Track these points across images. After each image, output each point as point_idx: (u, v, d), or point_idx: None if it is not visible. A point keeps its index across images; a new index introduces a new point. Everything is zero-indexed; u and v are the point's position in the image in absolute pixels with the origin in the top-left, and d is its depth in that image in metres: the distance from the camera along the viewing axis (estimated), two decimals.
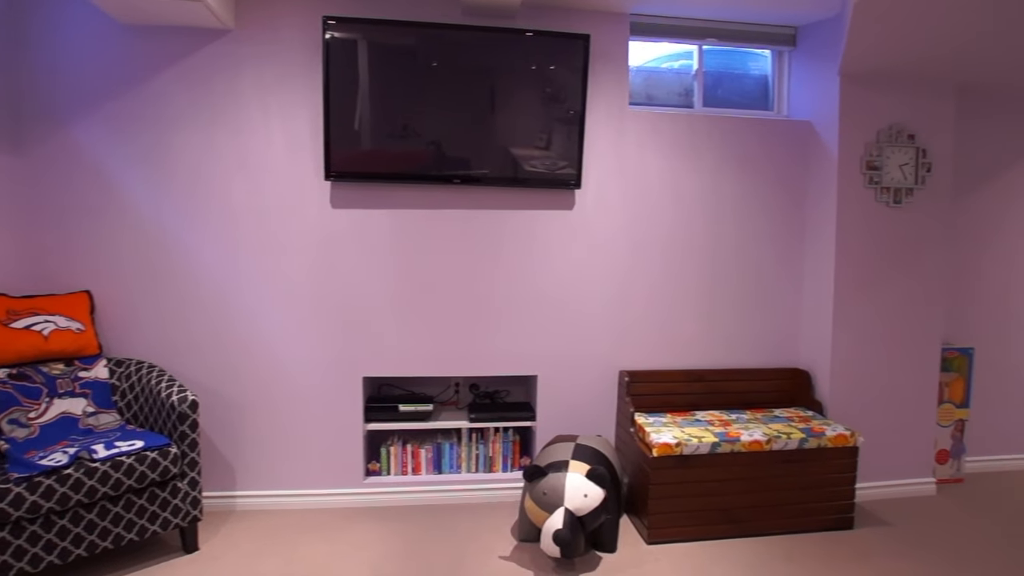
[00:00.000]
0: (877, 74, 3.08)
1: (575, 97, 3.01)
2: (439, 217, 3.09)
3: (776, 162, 3.36)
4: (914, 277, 3.25)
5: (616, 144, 3.20)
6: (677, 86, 3.48)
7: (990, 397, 3.74)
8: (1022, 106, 3.66)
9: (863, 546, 2.75)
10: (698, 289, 3.33)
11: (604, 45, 3.17)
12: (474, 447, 3.21)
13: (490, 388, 3.43)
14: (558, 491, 2.47)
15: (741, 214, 3.35)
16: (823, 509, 2.88)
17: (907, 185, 3.18)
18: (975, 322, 3.68)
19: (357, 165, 2.90)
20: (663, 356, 3.32)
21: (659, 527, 2.73)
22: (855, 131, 3.13)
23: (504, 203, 3.13)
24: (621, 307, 3.26)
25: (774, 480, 2.82)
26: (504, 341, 3.18)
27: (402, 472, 3.17)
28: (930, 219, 3.24)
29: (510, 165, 3.02)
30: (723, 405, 3.32)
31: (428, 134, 2.93)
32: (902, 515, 3.08)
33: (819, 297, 3.27)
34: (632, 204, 3.24)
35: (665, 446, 2.68)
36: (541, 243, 3.17)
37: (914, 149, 3.19)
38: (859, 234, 3.17)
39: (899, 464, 3.31)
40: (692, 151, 3.27)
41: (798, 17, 3.27)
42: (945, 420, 3.50)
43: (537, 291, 3.19)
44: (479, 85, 2.94)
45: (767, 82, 3.58)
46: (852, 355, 3.20)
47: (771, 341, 3.43)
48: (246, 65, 2.91)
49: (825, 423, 3.00)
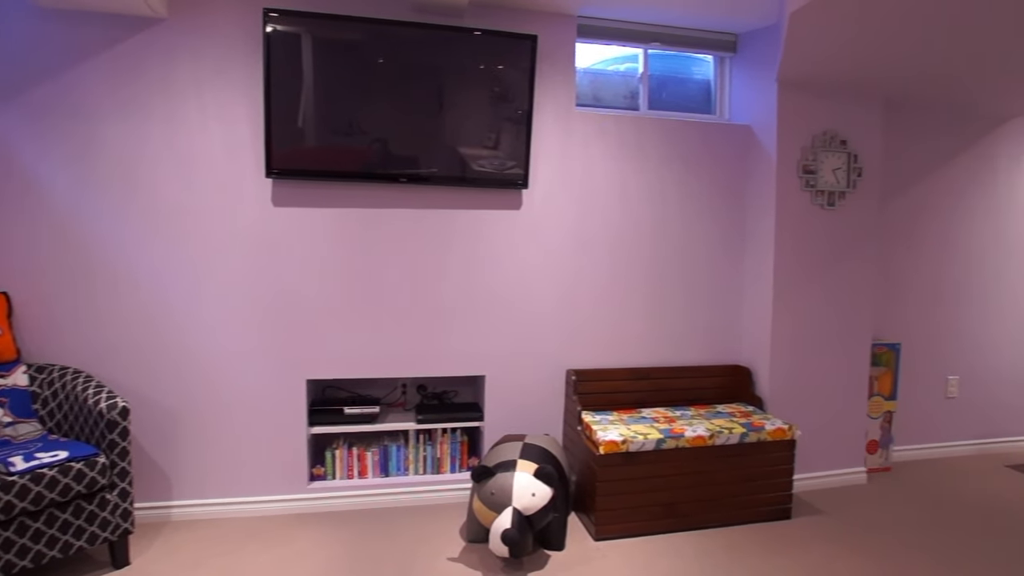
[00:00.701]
0: (812, 82, 3.20)
1: (523, 97, 3.01)
2: (386, 216, 3.04)
3: (718, 164, 3.45)
4: (846, 276, 3.39)
5: (563, 144, 3.22)
6: (623, 88, 3.53)
7: (915, 389, 3.94)
8: (941, 118, 3.87)
9: (800, 535, 2.85)
10: (644, 288, 3.39)
11: (551, 46, 3.18)
12: (422, 448, 3.17)
13: (438, 389, 3.40)
14: (506, 491, 2.46)
15: (685, 215, 3.42)
16: (763, 501, 2.97)
17: (840, 188, 3.32)
18: (901, 318, 3.87)
19: (300, 162, 2.82)
20: (610, 355, 3.36)
21: (606, 523, 2.76)
22: (792, 136, 3.24)
23: (452, 203, 3.11)
24: (568, 306, 3.29)
25: (717, 474, 2.89)
26: (452, 341, 3.15)
27: (348, 476, 3.10)
28: (861, 221, 3.39)
29: (458, 164, 3.00)
30: (668, 402, 3.39)
31: (375, 132, 2.88)
32: (836, 504, 3.21)
33: (759, 296, 3.37)
34: (579, 204, 3.27)
35: (612, 443, 2.71)
36: (489, 243, 3.16)
37: (846, 154, 3.32)
38: (796, 235, 3.28)
39: (833, 455, 3.45)
40: (638, 152, 3.33)
41: (738, 25, 3.36)
42: (875, 412, 3.67)
43: (485, 291, 3.17)
44: (427, 83, 2.90)
45: (709, 87, 3.67)
46: (790, 351, 3.32)
47: (714, 339, 3.52)
48: (181, 56, 2.78)
49: (765, 417, 3.09)
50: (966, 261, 4.00)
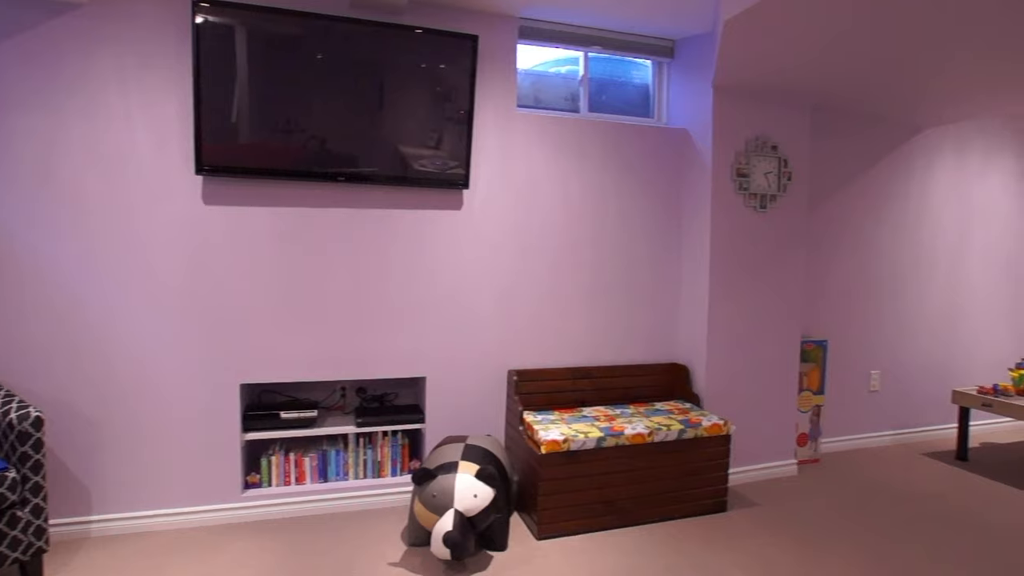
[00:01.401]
0: (745, 88, 3.31)
1: (464, 97, 3.00)
2: (324, 216, 2.96)
3: (657, 167, 3.52)
4: (777, 276, 3.52)
5: (504, 145, 3.23)
6: (564, 91, 3.56)
7: (841, 384, 4.13)
8: (865, 126, 4.07)
9: (736, 527, 2.93)
10: (584, 288, 3.43)
11: (493, 47, 3.18)
12: (362, 452, 3.11)
13: (378, 391, 3.35)
14: (448, 493, 2.44)
15: (625, 216, 3.48)
16: (700, 495, 3.05)
17: (771, 192, 3.44)
18: (828, 316, 4.05)
19: (234, 159, 2.72)
20: (551, 355, 3.38)
21: (548, 522, 2.78)
22: (726, 140, 3.34)
23: (392, 202, 3.06)
24: (510, 307, 3.29)
25: (656, 470, 2.95)
26: (392, 343, 3.10)
27: (285, 482, 3.01)
28: (790, 223, 3.53)
29: (399, 164, 2.96)
30: (609, 400, 3.43)
31: (313, 129, 2.80)
32: (769, 495, 3.32)
33: (696, 295, 3.46)
34: (520, 205, 3.28)
35: (553, 443, 2.73)
36: (429, 243, 3.13)
37: (777, 159, 3.45)
38: (730, 236, 3.38)
39: (766, 449, 3.58)
40: (578, 154, 3.36)
41: (675, 31, 3.44)
42: (804, 406, 3.82)
43: (425, 292, 3.14)
44: (368, 81, 2.85)
45: (648, 91, 3.74)
46: (725, 349, 3.42)
47: (653, 338, 3.59)
48: (102, 45, 2.64)
49: (701, 414, 3.17)
50: (886, 261, 4.22)
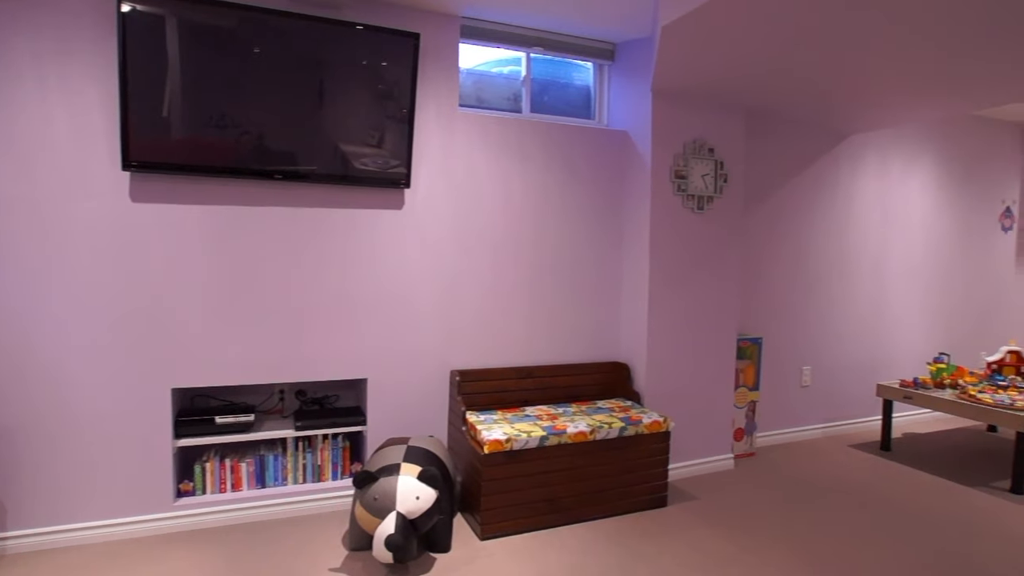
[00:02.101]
0: (683, 92, 3.39)
1: (405, 95, 2.97)
2: (261, 215, 2.88)
3: (598, 168, 3.57)
4: (714, 276, 3.62)
5: (446, 145, 3.21)
6: (506, 91, 3.57)
7: (775, 379, 4.28)
8: (796, 131, 4.23)
9: (676, 520, 3.00)
10: (527, 288, 3.44)
11: (435, 45, 3.16)
12: (301, 456, 3.04)
13: (318, 394, 3.28)
14: (389, 495, 2.41)
15: (567, 216, 3.52)
16: (641, 491, 3.11)
17: (708, 193, 3.54)
18: (763, 314, 4.20)
19: (164, 155, 2.62)
20: (494, 354, 3.39)
21: (492, 522, 2.78)
22: (665, 142, 3.42)
23: (332, 201, 3.01)
24: (452, 307, 3.28)
25: (598, 468, 2.99)
26: (332, 344, 3.05)
27: (220, 489, 2.92)
28: (727, 224, 3.64)
29: (339, 162, 2.91)
30: (551, 399, 3.46)
31: (249, 125, 2.72)
32: (707, 489, 3.42)
33: (636, 294, 3.53)
34: (462, 205, 3.27)
35: (496, 442, 2.73)
36: (370, 243, 3.09)
37: (713, 161, 3.55)
38: (669, 237, 3.46)
39: (704, 444, 3.67)
40: (520, 154, 3.38)
41: (615, 34, 3.50)
42: (740, 402, 3.95)
43: (366, 292, 3.10)
44: (307, 77, 2.79)
45: (590, 92, 3.79)
46: (664, 347, 3.49)
47: (595, 337, 3.64)
48: (16, 30, 2.49)
49: (642, 411, 3.24)
50: (816, 261, 4.40)
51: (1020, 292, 5.72)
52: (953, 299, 5.18)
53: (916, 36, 2.59)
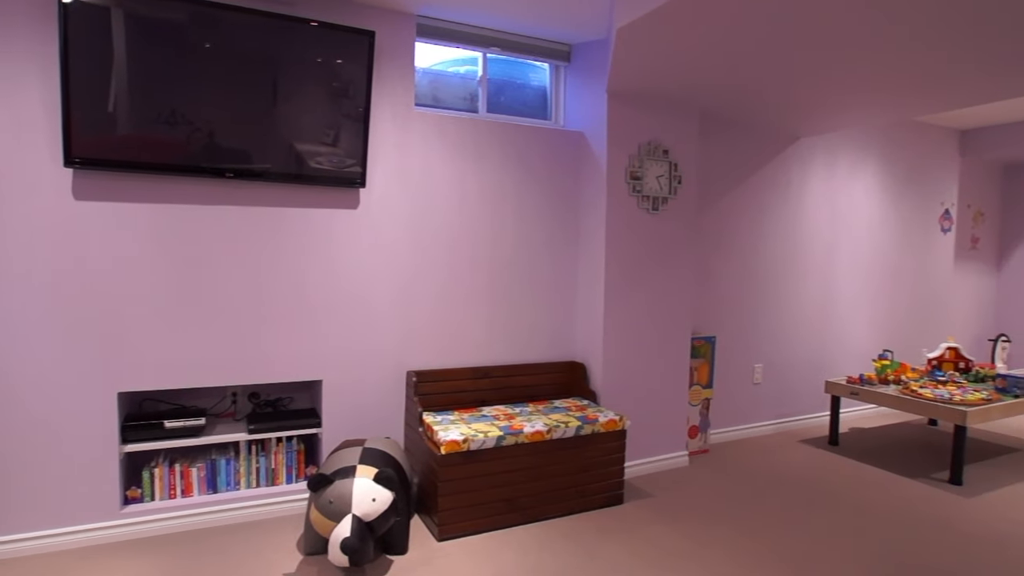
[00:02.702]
0: (638, 94, 3.45)
1: (361, 94, 2.94)
2: (212, 214, 2.82)
3: (554, 169, 3.60)
4: (669, 276, 3.69)
5: (401, 144, 3.19)
6: (462, 90, 3.57)
7: (728, 377, 4.38)
8: (748, 134, 4.34)
9: (631, 518, 3.05)
10: (483, 288, 3.45)
11: (390, 44, 3.14)
12: (254, 460, 2.98)
13: (272, 396, 3.22)
14: (345, 498, 2.39)
15: (523, 216, 3.53)
16: (597, 489, 3.14)
17: (663, 194, 3.60)
18: (716, 313, 4.29)
19: (110, 151, 2.53)
20: (450, 355, 3.38)
21: (449, 523, 2.78)
22: (620, 144, 3.46)
23: (286, 200, 2.96)
24: (408, 307, 3.26)
25: (554, 467, 3.01)
26: (286, 346, 3.00)
27: (170, 496, 2.84)
28: (681, 225, 3.70)
29: (294, 161, 2.86)
30: (508, 399, 3.48)
31: (200, 122, 2.66)
32: (663, 486, 3.47)
33: (592, 294, 3.57)
34: (417, 204, 3.25)
35: (453, 443, 2.73)
36: (325, 243, 3.05)
37: (668, 163, 3.61)
38: (625, 237, 3.51)
39: (659, 441, 3.74)
40: (476, 154, 3.38)
41: (572, 36, 3.53)
42: (695, 400, 4.03)
43: (321, 293, 3.06)
44: (260, 73, 2.74)
45: (546, 93, 3.82)
46: (620, 346, 3.54)
47: (552, 336, 3.67)
48: None
49: (598, 410, 3.27)
50: (768, 261, 4.51)
51: (958, 291, 5.97)
52: (896, 298, 5.38)
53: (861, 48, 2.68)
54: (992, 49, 2.72)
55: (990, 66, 2.95)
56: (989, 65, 2.94)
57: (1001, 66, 2.95)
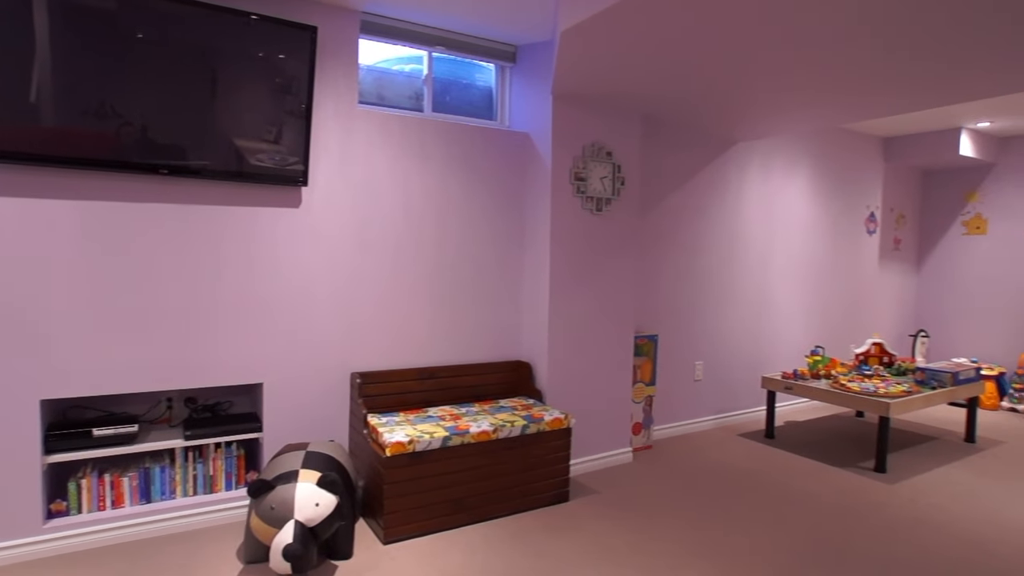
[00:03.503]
0: (582, 96, 3.49)
1: (303, 90, 2.88)
2: (145, 212, 2.70)
3: (499, 169, 3.61)
4: (613, 275, 3.75)
5: (345, 142, 3.14)
6: (407, 89, 3.54)
7: (670, 374, 4.49)
8: (688, 137, 4.46)
9: (577, 515, 3.09)
10: (428, 288, 3.43)
11: (334, 40, 3.08)
12: (191, 467, 2.88)
13: (210, 401, 3.11)
14: (287, 503, 2.33)
15: (468, 216, 3.53)
16: (543, 487, 3.17)
17: (606, 196, 3.66)
18: (658, 312, 4.39)
19: (32, 144, 2.40)
20: (396, 356, 3.35)
21: (395, 525, 2.75)
22: (565, 145, 3.50)
23: (225, 199, 2.87)
24: (352, 308, 3.21)
25: (501, 466, 3.02)
26: (225, 348, 2.90)
27: (99, 507, 2.71)
28: (624, 225, 3.77)
29: (233, 158, 2.77)
30: (454, 400, 3.47)
31: (131, 116, 2.54)
32: (607, 483, 3.53)
33: (537, 294, 3.59)
34: (361, 203, 3.21)
35: (398, 445, 2.70)
36: (265, 242, 2.97)
37: (611, 164, 3.68)
38: (569, 238, 3.55)
39: (604, 439, 3.80)
40: (421, 154, 3.36)
41: (517, 37, 3.55)
42: (638, 397, 4.11)
43: (262, 293, 2.98)
44: (197, 66, 2.64)
45: (492, 93, 3.82)
46: (565, 345, 3.58)
47: (497, 336, 3.68)
48: None
49: (544, 409, 3.30)
50: (707, 261, 4.65)
51: (882, 289, 6.30)
52: (827, 296, 5.63)
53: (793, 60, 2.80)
54: (907, 68, 2.89)
55: (906, 81, 3.12)
56: (905, 80, 3.11)
57: (916, 82, 3.13)
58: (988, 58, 2.83)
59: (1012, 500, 3.40)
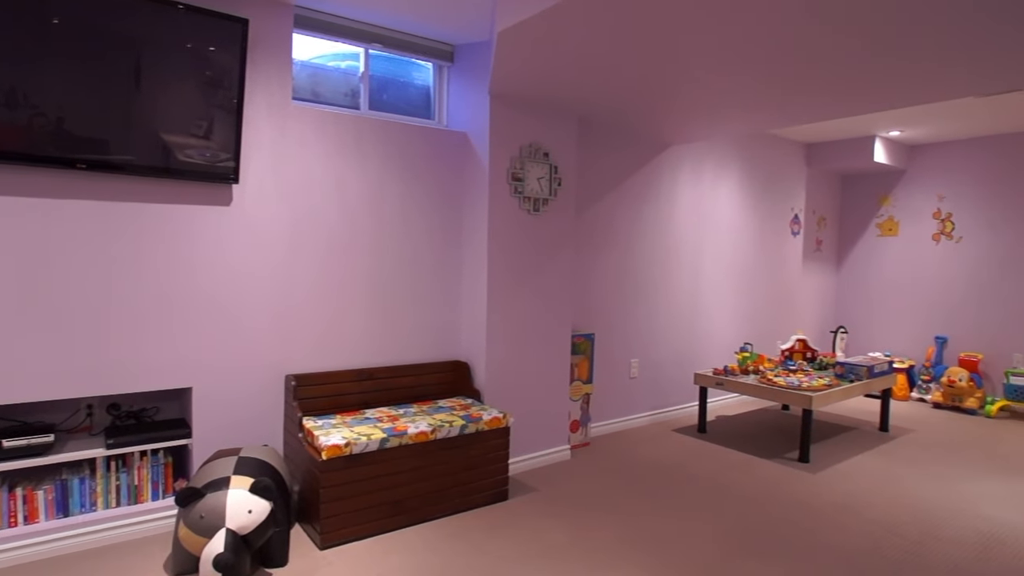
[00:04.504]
0: (519, 97, 3.52)
1: (234, 84, 2.79)
2: (64, 208, 2.56)
3: (437, 169, 3.60)
4: (550, 275, 3.80)
5: (278, 139, 3.06)
6: (344, 86, 3.48)
7: (606, 372, 4.58)
8: (623, 139, 4.56)
9: (516, 513, 3.11)
10: (366, 288, 3.38)
11: (266, 34, 3.00)
12: (114, 478, 2.74)
13: (134, 407, 2.98)
14: (218, 511, 2.26)
15: (406, 216, 3.50)
16: (483, 487, 3.18)
17: (544, 196, 3.71)
18: (594, 311, 4.47)
19: None
20: (332, 357, 3.29)
21: (332, 530, 2.70)
22: (502, 145, 3.52)
23: (151, 195, 2.75)
24: (286, 309, 3.13)
25: (439, 467, 3.01)
26: (151, 352, 2.78)
27: (10, 524, 2.55)
28: (561, 225, 3.83)
29: (160, 153, 2.66)
30: (393, 401, 3.43)
31: (45, 106, 2.40)
32: (546, 480, 3.57)
33: (475, 294, 3.60)
34: (295, 201, 3.14)
35: (335, 448, 2.66)
36: (195, 241, 2.86)
37: (548, 165, 3.72)
38: (507, 238, 3.58)
39: (542, 437, 3.84)
40: (358, 152, 3.31)
41: (455, 36, 3.55)
42: (576, 395, 4.17)
43: (190, 294, 2.87)
44: (121, 56, 2.51)
45: (429, 92, 3.81)
46: (503, 344, 3.60)
47: (436, 336, 3.66)
48: None
49: (482, 408, 3.31)
50: (642, 261, 4.77)
51: (805, 288, 6.61)
52: (755, 295, 5.87)
53: (721, 65, 2.91)
54: (824, 78, 3.05)
55: (829, 89, 3.30)
56: (828, 89, 3.28)
57: (838, 90, 3.31)
58: (897, 72, 3.02)
59: (920, 484, 3.63)
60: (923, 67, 2.96)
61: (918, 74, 3.07)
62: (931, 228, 6.20)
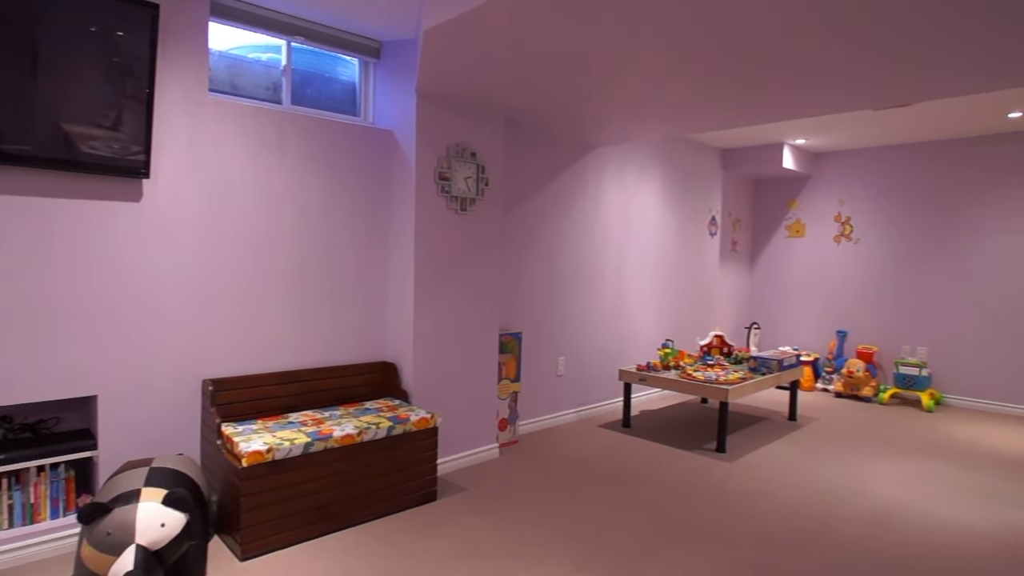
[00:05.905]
0: (446, 96, 3.50)
1: (145, 73, 2.63)
2: None
3: (363, 167, 3.53)
4: (477, 275, 3.80)
5: (194, 132, 2.92)
6: (265, 79, 3.35)
7: (534, 371, 4.63)
8: (552, 140, 4.62)
9: (445, 514, 3.09)
10: (289, 289, 3.28)
11: (180, 21, 2.84)
12: (6, 496, 2.53)
13: (30, 418, 2.76)
14: (127, 527, 2.13)
15: (330, 215, 3.41)
16: (411, 488, 3.14)
17: (471, 196, 3.70)
18: (522, 310, 4.50)
19: None
20: (254, 360, 3.16)
21: (253, 540, 2.60)
22: (429, 144, 3.49)
23: (49, 190, 2.55)
24: (202, 310, 2.99)
25: (366, 470, 2.96)
26: (50, 358, 2.58)
27: None
28: (488, 225, 3.84)
29: (62, 143, 2.47)
30: (318, 404, 3.34)
31: None
32: (475, 479, 3.57)
33: (402, 294, 3.56)
34: (213, 199, 3.00)
35: (256, 454, 2.56)
36: (101, 239, 2.68)
37: (476, 165, 3.72)
38: (434, 237, 3.55)
39: (470, 436, 3.84)
40: (279, 148, 3.20)
41: (381, 32, 3.49)
42: (504, 393, 4.19)
43: (96, 296, 2.68)
44: (15, 37, 2.32)
45: (355, 88, 3.72)
46: (431, 345, 3.57)
47: (363, 337, 3.59)
48: None
49: (410, 409, 3.27)
50: (569, 261, 4.85)
51: (722, 286, 6.91)
52: (676, 293, 6.08)
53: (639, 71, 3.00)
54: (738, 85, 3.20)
55: (741, 97, 3.46)
56: (740, 96, 3.44)
57: (751, 97, 3.47)
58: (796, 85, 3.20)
59: (823, 468, 3.88)
60: (816, 81, 3.15)
61: (815, 87, 3.26)
62: (833, 230, 6.61)
